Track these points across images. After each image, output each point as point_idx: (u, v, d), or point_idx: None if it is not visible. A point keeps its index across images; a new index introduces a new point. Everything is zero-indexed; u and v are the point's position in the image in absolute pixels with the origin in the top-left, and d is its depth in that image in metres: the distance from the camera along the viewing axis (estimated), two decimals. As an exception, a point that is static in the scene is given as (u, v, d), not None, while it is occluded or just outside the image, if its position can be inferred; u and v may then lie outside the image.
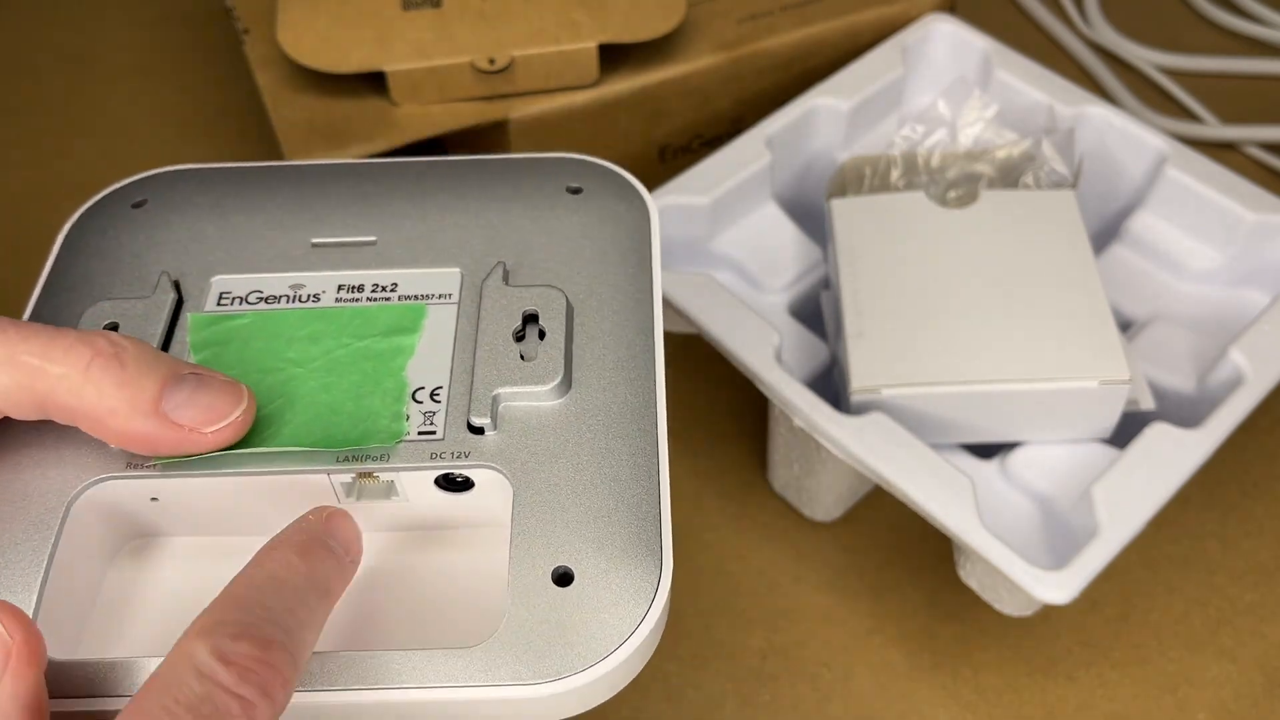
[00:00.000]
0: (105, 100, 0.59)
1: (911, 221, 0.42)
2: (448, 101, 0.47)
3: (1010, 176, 0.44)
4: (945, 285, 0.40)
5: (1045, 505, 0.39)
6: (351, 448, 0.26)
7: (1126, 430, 0.38)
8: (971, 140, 0.45)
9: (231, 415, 0.25)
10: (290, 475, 0.26)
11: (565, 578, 0.25)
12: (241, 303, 0.29)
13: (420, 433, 0.27)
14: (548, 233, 0.31)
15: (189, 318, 0.29)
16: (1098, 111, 0.46)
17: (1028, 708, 0.39)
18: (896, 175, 0.44)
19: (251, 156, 0.55)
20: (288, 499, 0.26)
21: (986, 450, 0.40)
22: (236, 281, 0.30)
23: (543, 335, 0.28)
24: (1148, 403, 0.40)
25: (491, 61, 0.46)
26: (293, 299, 0.29)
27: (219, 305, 0.29)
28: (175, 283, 0.29)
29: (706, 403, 0.47)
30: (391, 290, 0.30)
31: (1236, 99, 0.57)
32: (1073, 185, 0.44)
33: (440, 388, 0.27)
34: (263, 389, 0.27)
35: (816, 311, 0.44)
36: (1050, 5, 0.62)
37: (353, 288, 0.30)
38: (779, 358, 0.39)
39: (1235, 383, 0.39)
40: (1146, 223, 0.45)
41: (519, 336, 0.28)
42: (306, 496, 0.27)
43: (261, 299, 0.29)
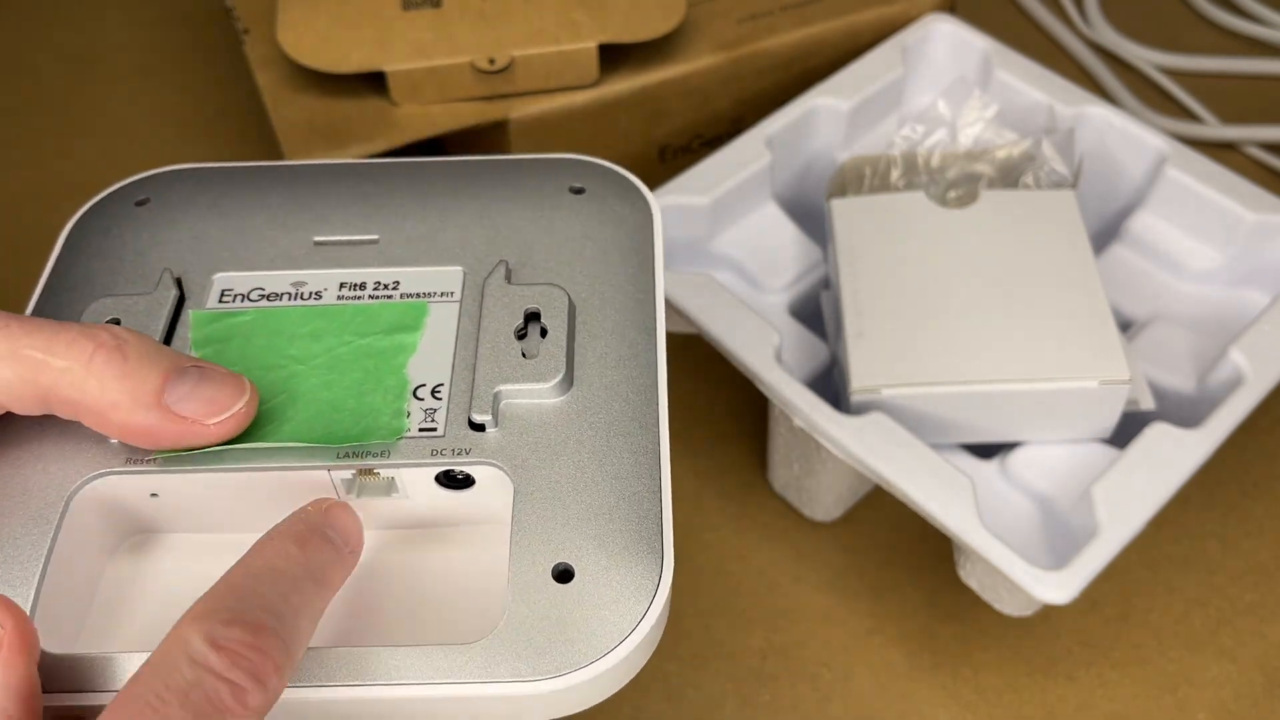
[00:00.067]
0: (105, 100, 0.59)
1: (911, 221, 0.42)
2: (448, 101, 0.47)
3: (1010, 176, 0.44)
4: (945, 285, 0.40)
5: (1045, 505, 0.39)
6: (352, 444, 0.26)
7: (1126, 430, 0.38)
8: (971, 140, 0.45)
9: (234, 407, 0.25)
10: (291, 471, 0.26)
11: (566, 575, 0.25)
12: (243, 300, 0.29)
13: (421, 429, 0.27)
14: (550, 232, 0.31)
15: (191, 314, 0.29)
16: (1098, 111, 0.46)
17: (1028, 708, 0.39)
18: (896, 175, 0.44)
19: (251, 156, 0.55)
20: (288, 495, 0.26)
21: (986, 450, 0.40)
22: (238, 279, 0.30)
23: (544, 333, 0.28)
24: (1148, 403, 0.40)
25: (491, 61, 0.46)
26: (294, 296, 0.29)
27: (221, 302, 0.29)
28: (177, 280, 0.29)
29: (706, 403, 0.47)
30: (394, 288, 0.30)
31: (1236, 99, 0.57)
32: (1073, 185, 0.44)
33: (441, 385, 0.27)
34: (264, 386, 0.27)
35: (816, 311, 0.44)
36: (1050, 5, 0.62)
37: (355, 285, 0.30)
38: (779, 358, 0.39)
39: (1235, 383, 0.39)
40: (1146, 223, 0.45)
41: (521, 334, 0.28)
42: (307, 493, 0.26)
43: (263, 296, 0.29)
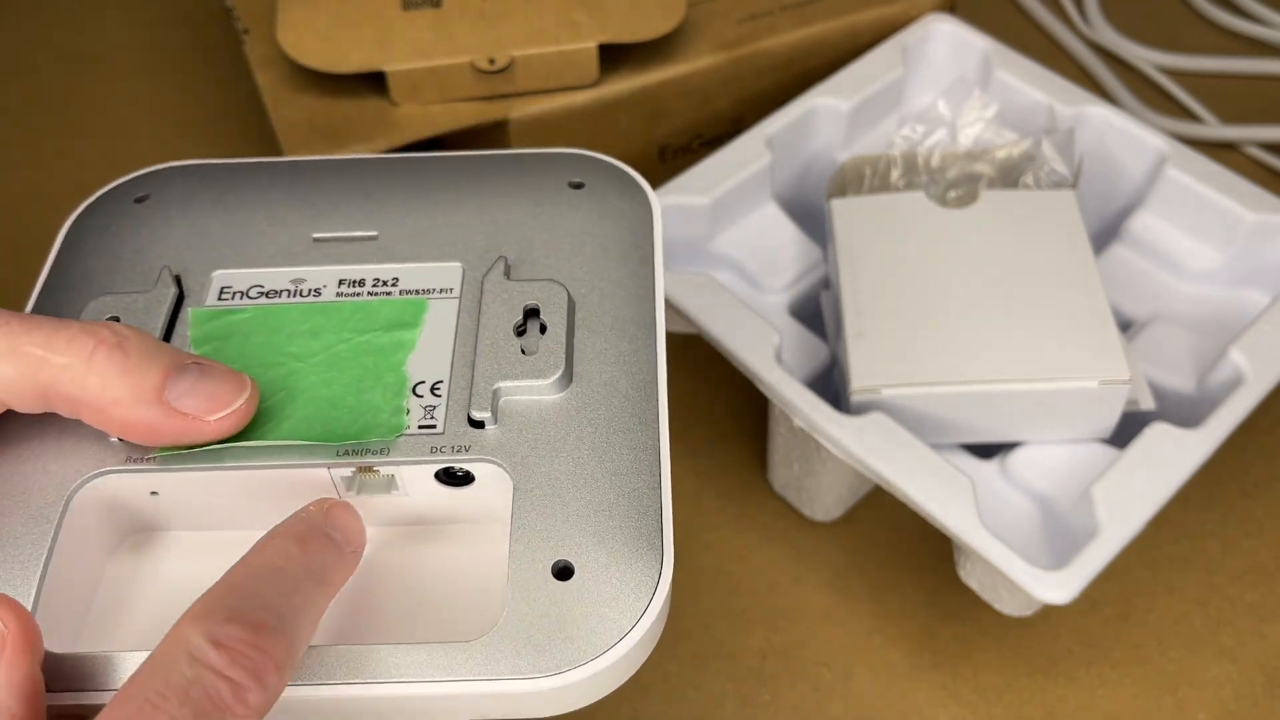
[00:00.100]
0: (105, 100, 0.59)
1: (911, 221, 0.42)
2: (448, 101, 0.47)
3: (1010, 176, 0.44)
4: (945, 285, 0.40)
5: (1045, 505, 0.39)
6: (352, 442, 0.26)
7: (1126, 430, 0.38)
8: (971, 140, 0.45)
9: (234, 404, 0.25)
10: (290, 469, 0.26)
11: (565, 572, 0.25)
12: (242, 297, 0.29)
13: (421, 427, 0.27)
14: (550, 228, 0.31)
15: (190, 312, 0.29)
16: (1098, 111, 0.46)
17: (1028, 708, 0.39)
18: (896, 175, 0.44)
19: (251, 156, 0.55)
20: (288, 493, 0.26)
21: (986, 450, 0.40)
22: (238, 276, 0.30)
23: (544, 329, 0.28)
24: (1148, 403, 0.40)
25: (491, 61, 0.46)
26: (294, 294, 0.29)
27: (220, 300, 0.29)
28: (176, 277, 0.29)
29: (706, 403, 0.47)
30: (393, 285, 0.30)
31: (1236, 99, 0.57)
32: (1073, 185, 0.44)
33: (441, 382, 0.27)
34: (263, 383, 0.27)
35: (816, 311, 0.44)
36: (1050, 5, 0.62)
37: (354, 282, 0.30)
38: (779, 358, 0.39)
39: (1235, 383, 0.39)
40: (1146, 223, 0.45)
41: (520, 331, 0.28)
42: (307, 490, 0.26)
43: (263, 294, 0.29)
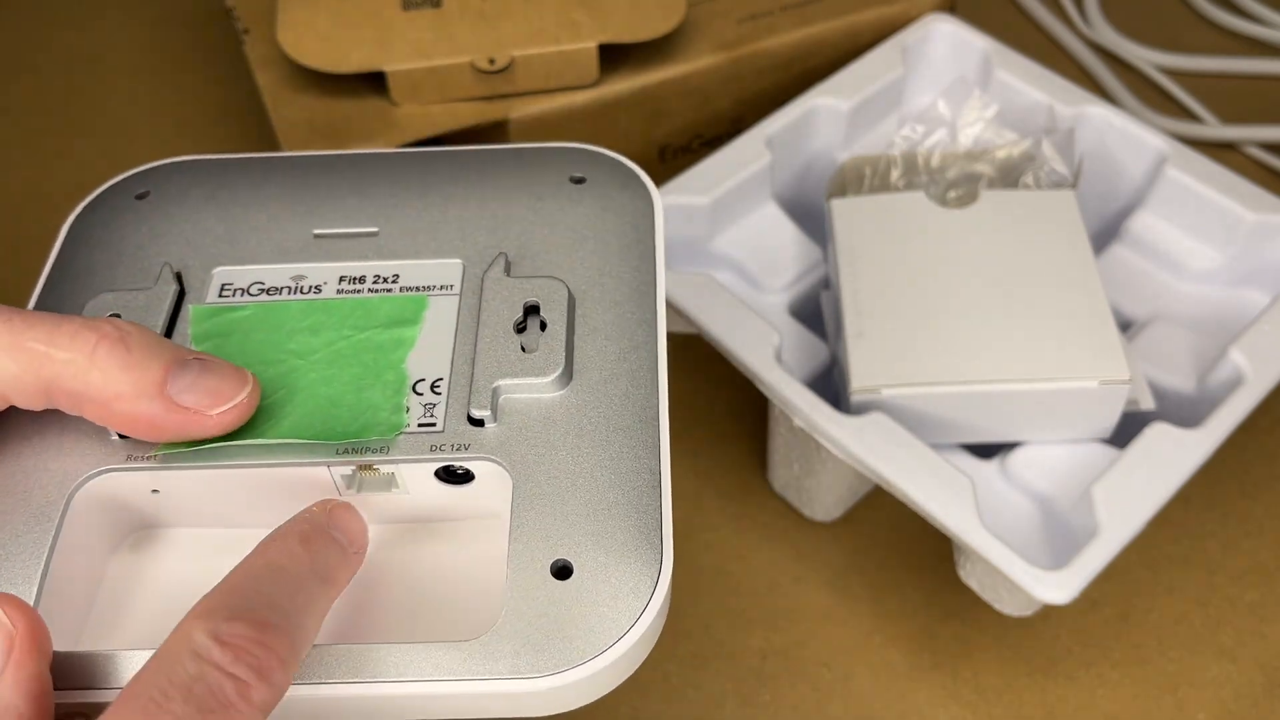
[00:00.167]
0: (105, 100, 0.59)
1: (911, 221, 0.42)
2: (448, 101, 0.47)
3: (1010, 176, 0.44)
4: (945, 285, 0.40)
5: (1045, 505, 0.39)
6: (352, 440, 0.26)
7: (1126, 430, 0.38)
8: (971, 140, 0.45)
9: (236, 398, 0.25)
10: (290, 468, 0.26)
11: (564, 571, 0.25)
12: (243, 294, 0.29)
13: (420, 425, 0.27)
14: (550, 223, 0.31)
15: (190, 309, 0.29)
16: (1098, 111, 0.46)
17: (1028, 708, 0.39)
18: (896, 175, 0.44)
19: (252, 156, 0.55)
20: (288, 491, 0.26)
21: (986, 450, 0.40)
22: (238, 273, 0.30)
23: (544, 327, 0.28)
24: (1148, 403, 0.40)
25: (491, 61, 0.46)
26: (294, 290, 0.29)
27: (221, 297, 0.29)
28: (177, 274, 0.29)
29: (706, 403, 0.47)
30: (393, 281, 0.29)
31: (1236, 99, 0.57)
32: (1073, 185, 0.44)
33: (441, 379, 0.27)
34: (264, 381, 0.27)
35: (816, 311, 0.44)
36: (1050, 5, 0.62)
37: (354, 279, 0.30)
38: (779, 358, 0.39)
39: (1235, 383, 0.39)
40: (1146, 223, 0.45)
41: (520, 328, 0.28)
42: (307, 489, 0.27)
43: (263, 290, 0.29)
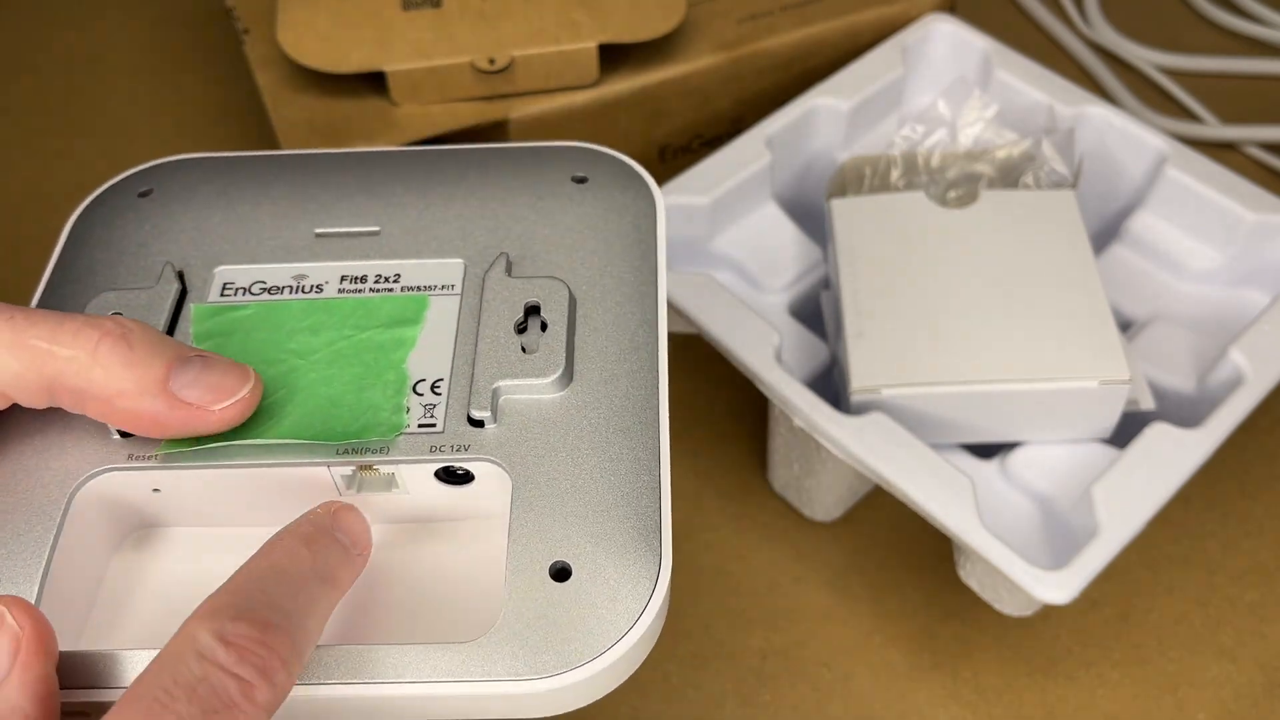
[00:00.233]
0: (105, 100, 0.59)
1: (911, 221, 0.42)
2: (448, 101, 0.47)
3: (1010, 176, 0.44)
4: (945, 285, 0.40)
5: (1045, 505, 0.39)
6: (352, 441, 0.26)
7: (1126, 430, 0.38)
8: (971, 140, 0.45)
9: (239, 393, 0.25)
10: (291, 468, 0.26)
11: (563, 573, 0.25)
12: (245, 293, 0.29)
13: (420, 425, 0.27)
14: (552, 223, 0.31)
15: (192, 308, 0.29)
16: (1098, 111, 0.46)
17: (1028, 708, 0.39)
18: (896, 175, 0.44)
19: (252, 155, 0.55)
20: (288, 491, 0.26)
21: (986, 450, 0.40)
22: (240, 272, 0.30)
23: (545, 327, 0.28)
24: (1148, 403, 0.40)
25: (491, 61, 0.46)
26: (296, 290, 0.29)
27: (222, 296, 0.29)
28: (179, 273, 0.30)
29: (706, 403, 0.47)
30: (394, 281, 0.29)
31: (1236, 99, 0.57)
32: (1073, 185, 0.44)
33: (441, 380, 0.27)
34: (265, 381, 0.27)
35: (816, 311, 0.44)
36: (1050, 5, 0.62)
37: (356, 278, 0.30)
38: (779, 358, 0.39)
39: (1235, 383, 0.39)
40: (1146, 223, 0.45)
41: (521, 328, 0.28)
42: (307, 488, 0.27)
43: (265, 290, 0.29)
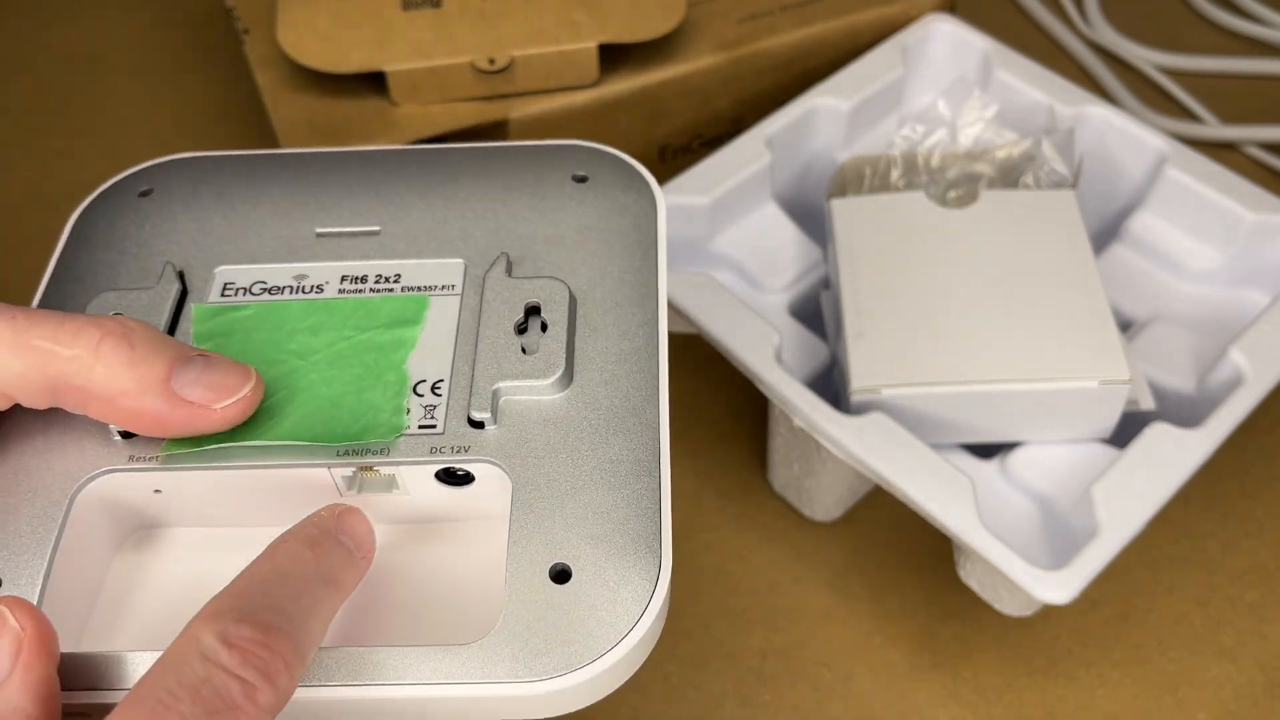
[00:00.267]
0: (105, 100, 0.59)
1: (911, 221, 0.42)
2: (448, 101, 0.47)
3: (1010, 176, 0.44)
4: (945, 285, 0.40)
5: (1045, 505, 0.39)
6: (352, 442, 0.26)
7: (1126, 430, 0.38)
8: (971, 140, 0.45)
9: (240, 392, 0.26)
10: (291, 469, 0.26)
11: (563, 575, 0.25)
12: (245, 294, 0.29)
13: (421, 426, 0.27)
14: (553, 223, 0.31)
15: (193, 309, 0.29)
16: (1098, 111, 0.46)
17: (1028, 708, 0.39)
18: (896, 175, 0.44)
19: (253, 155, 0.55)
20: (289, 492, 0.27)
21: (986, 450, 0.40)
22: (240, 272, 0.30)
23: (545, 328, 0.28)
24: (1148, 403, 0.40)
25: (491, 61, 0.46)
26: (296, 290, 0.29)
27: (223, 296, 0.29)
28: (180, 273, 0.30)
29: (706, 403, 0.47)
30: (395, 281, 0.29)
31: (1236, 99, 0.57)
32: (1073, 185, 0.44)
33: (441, 381, 0.27)
34: (265, 381, 0.27)
35: (816, 311, 0.44)
36: (1050, 5, 0.62)
37: (356, 278, 0.30)
38: (779, 358, 0.39)
39: (1235, 383, 0.39)
40: (1146, 223, 0.45)
41: (521, 329, 0.28)
42: (307, 489, 0.27)
43: (265, 290, 0.29)
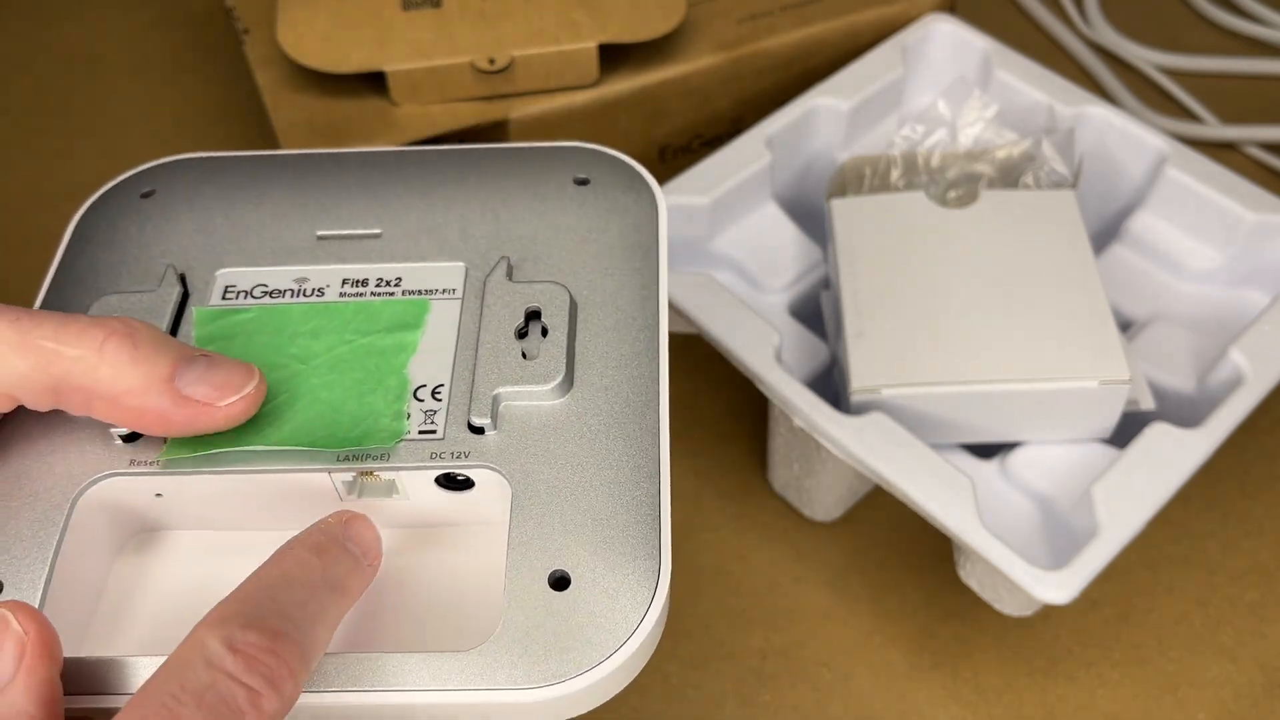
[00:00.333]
0: (105, 100, 0.59)
1: (911, 221, 0.42)
2: (448, 101, 0.47)
3: (1010, 176, 0.44)
4: (945, 285, 0.40)
5: (1045, 505, 0.39)
6: (352, 447, 0.26)
7: (1126, 430, 0.38)
8: (971, 140, 0.45)
9: (244, 389, 0.26)
10: (292, 474, 0.26)
11: (562, 582, 0.25)
12: (246, 296, 0.29)
13: (421, 431, 0.27)
14: (553, 226, 0.31)
15: (194, 312, 0.29)
16: (1098, 111, 0.46)
17: (1028, 708, 0.39)
18: (896, 175, 0.44)
19: (253, 155, 0.55)
20: (290, 496, 0.27)
21: (986, 450, 0.40)
22: (242, 275, 0.30)
23: (545, 333, 0.28)
24: (1148, 403, 0.40)
25: (491, 61, 0.46)
26: (297, 293, 0.29)
27: (224, 299, 0.29)
28: (181, 276, 0.30)
29: (706, 403, 0.47)
30: (396, 285, 0.29)
31: (1236, 99, 0.57)
32: (1073, 185, 0.44)
33: (442, 386, 0.27)
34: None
35: (816, 311, 0.44)
36: (1050, 5, 0.62)
37: (357, 282, 0.30)
38: (779, 358, 0.39)
39: (1235, 383, 0.39)
40: (1146, 223, 0.45)
41: (521, 334, 0.28)
42: (308, 494, 0.27)
43: (266, 293, 0.29)
